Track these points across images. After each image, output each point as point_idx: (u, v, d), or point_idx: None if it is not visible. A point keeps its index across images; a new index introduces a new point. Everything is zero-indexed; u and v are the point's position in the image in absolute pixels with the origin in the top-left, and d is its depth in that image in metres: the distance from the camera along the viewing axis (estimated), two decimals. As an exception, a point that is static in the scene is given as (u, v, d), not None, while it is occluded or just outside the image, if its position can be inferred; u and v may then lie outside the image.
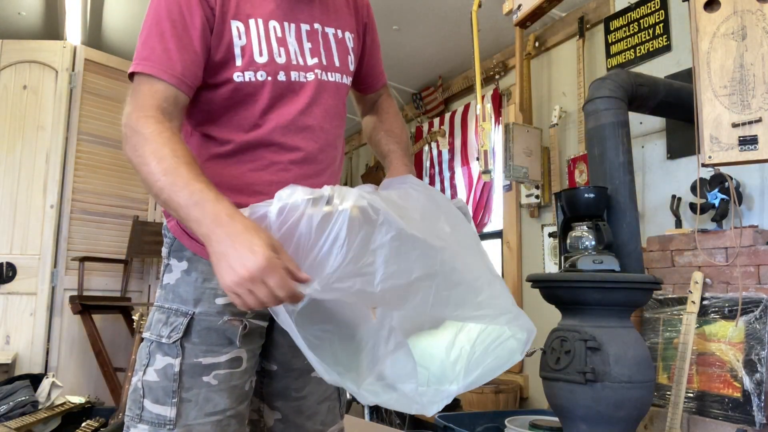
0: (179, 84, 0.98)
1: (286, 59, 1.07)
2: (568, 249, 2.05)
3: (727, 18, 1.77)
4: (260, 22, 1.05)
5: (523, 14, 2.92)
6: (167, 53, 0.98)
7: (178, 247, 1.10)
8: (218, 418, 1.02)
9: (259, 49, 1.05)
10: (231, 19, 1.03)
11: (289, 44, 1.08)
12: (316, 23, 1.12)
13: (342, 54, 1.16)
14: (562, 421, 1.92)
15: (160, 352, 1.02)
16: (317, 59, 1.11)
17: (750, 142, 1.70)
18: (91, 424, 2.51)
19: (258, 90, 1.05)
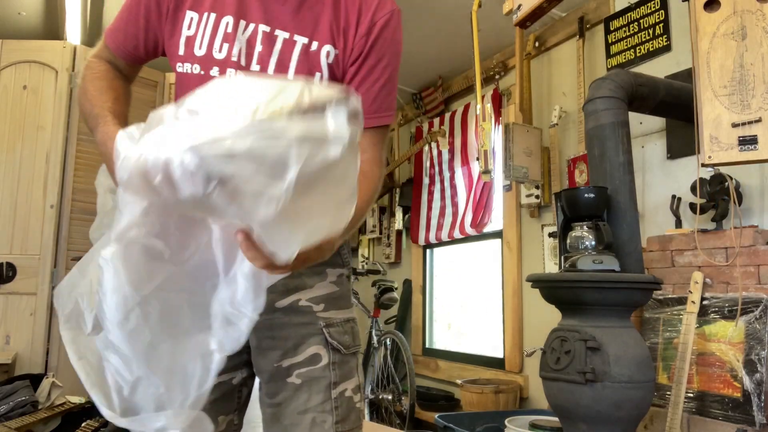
0: (118, 52, 1.12)
1: (226, 56, 1.03)
2: (568, 249, 2.05)
3: (727, 18, 1.77)
4: (213, 16, 1.04)
5: (523, 14, 2.92)
6: (120, 21, 1.11)
7: None
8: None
9: (200, 42, 1.04)
10: (187, 9, 1.04)
11: (236, 42, 1.02)
12: (280, 29, 1.03)
13: (304, 66, 1.03)
14: (562, 421, 1.93)
15: None
16: (260, 66, 1.03)
17: (750, 142, 1.70)
18: (91, 424, 2.51)
19: (193, 83, 1.02)
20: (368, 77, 1.06)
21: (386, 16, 1.06)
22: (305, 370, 1.08)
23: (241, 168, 0.65)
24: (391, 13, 1.07)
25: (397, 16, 1.08)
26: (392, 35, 1.07)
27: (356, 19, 1.05)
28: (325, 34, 1.04)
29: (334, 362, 1.09)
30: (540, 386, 1.99)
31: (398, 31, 1.08)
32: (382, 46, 1.05)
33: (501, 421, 2.48)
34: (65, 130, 3.33)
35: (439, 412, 2.84)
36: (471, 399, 3.13)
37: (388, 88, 1.08)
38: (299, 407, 1.06)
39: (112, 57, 1.13)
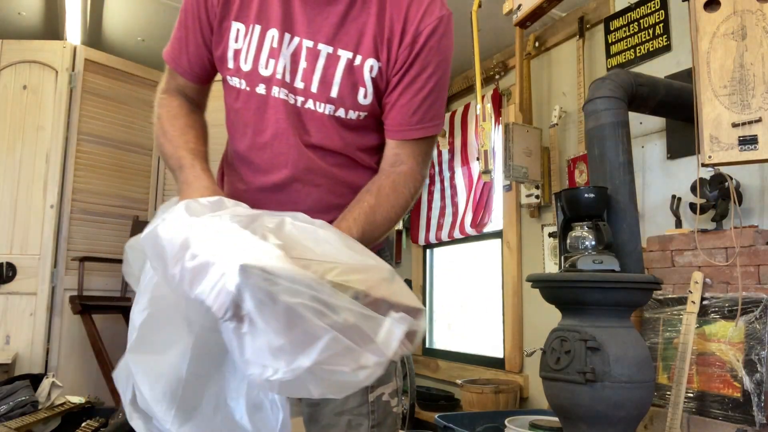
0: (186, 74, 1.09)
1: (272, 73, 1.00)
2: (568, 249, 2.05)
3: (727, 18, 1.77)
4: (258, 28, 1.00)
5: (523, 14, 2.92)
6: (179, 43, 1.08)
7: None
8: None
9: (246, 56, 1.01)
10: (233, 20, 1.01)
11: (281, 57, 0.99)
12: (323, 43, 0.99)
13: (348, 82, 0.99)
14: (562, 421, 1.92)
15: None
16: (305, 83, 1.00)
17: (750, 142, 1.70)
18: (91, 424, 2.51)
19: (241, 99, 1.04)
20: (410, 87, 1.00)
21: (433, 23, 0.99)
22: None
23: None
24: (438, 20, 1.00)
25: (445, 23, 1.01)
26: (439, 43, 1.00)
27: (401, 28, 0.99)
28: (369, 47, 0.99)
29: None
30: (540, 386, 1.98)
31: (446, 38, 1.01)
32: (427, 55, 0.99)
33: (501, 421, 2.48)
34: (65, 130, 3.33)
35: (439, 412, 2.84)
36: (471, 399, 3.13)
37: (432, 98, 1.02)
38: (336, 408, 1.06)
39: (181, 84, 1.10)
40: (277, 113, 1.00)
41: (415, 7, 1.00)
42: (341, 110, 1.01)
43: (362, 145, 1.05)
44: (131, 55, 3.73)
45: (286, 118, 1.00)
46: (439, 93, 1.03)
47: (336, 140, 1.02)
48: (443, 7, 1.02)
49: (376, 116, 1.04)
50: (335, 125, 1.02)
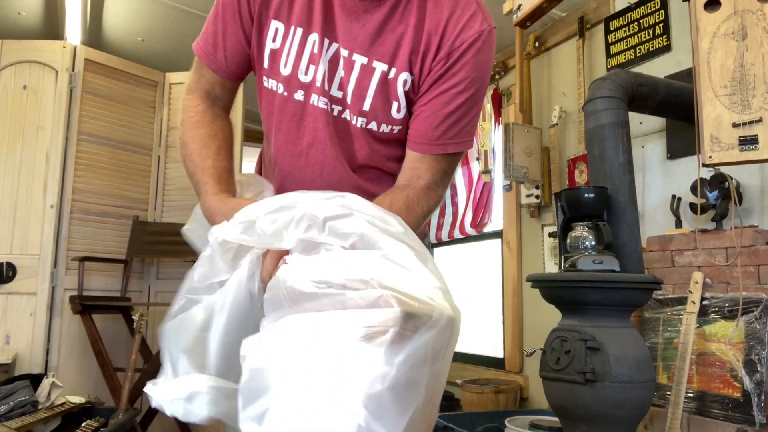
0: (220, 71, 1.03)
1: (311, 80, 0.96)
2: (568, 249, 2.05)
3: (727, 18, 1.77)
4: (300, 31, 0.95)
5: (523, 14, 2.92)
6: (214, 37, 1.02)
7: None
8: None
9: (286, 59, 0.96)
10: (272, 18, 0.96)
11: (321, 63, 0.95)
12: (358, 53, 0.94)
13: (382, 94, 0.95)
14: (562, 421, 1.92)
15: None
16: (342, 92, 0.96)
17: (750, 142, 1.70)
18: (91, 424, 2.50)
19: (277, 103, 1.00)
20: (437, 99, 0.94)
21: (472, 38, 0.93)
22: None
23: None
24: (478, 35, 0.94)
25: (486, 37, 0.95)
26: (475, 59, 0.94)
27: (438, 41, 0.93)
28: (405, 59, 0.94)
29: None
30: (540, 386, 1.98)
31: (484, 54, 0.95)
32: (459, 70, 0.93)
33: (501, 421, 2.48)
34: (65, 130, 3.33)
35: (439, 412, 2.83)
36: (471, 399, 3.13)
37: (459, 113, 0.95)
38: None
39: (211, 81, 1.04)
40: (316, 122, 0.97)
41: (455, 19, 0.94)
42: (373, 123, 0.97)
43: (393, 156, 1.02)
44: (131, 55, 3.73)
45: (324, 127, 0.97)
46: (469, 110, 0.96)
47: (367, 152, 0.99)
48: (485, 21, 0.96)
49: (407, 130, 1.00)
50: (367, 137, 0.98)
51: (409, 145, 0.99)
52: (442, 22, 0.94)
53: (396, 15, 0.94)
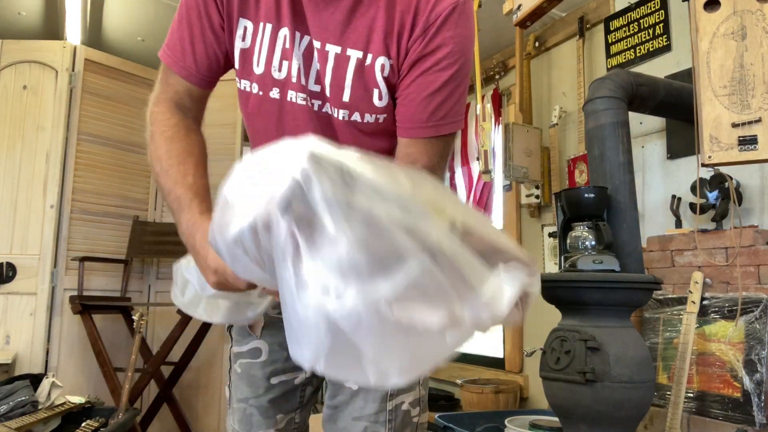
0: (190, 77, 0.97)
1: (286, 76, 0.92)
2: (568, 249, 2.05)
3: (727, 18, 1.77)
4: (269, 27, 0.90)
5: (523, 14, 2.92)
6: (181, 42, 0.96)
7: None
8: (243, 405, 1.08)
9: (258, 57, 0.92)
10: (240, 17, 0.91)
11: (294, 58, 0.91)
12: (331, 43, 0.90)
13: (360, 83, 0.91)
14: (562, 421, 1.92)
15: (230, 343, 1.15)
16: (319, 86, 0.92)
17: (750, 142, 1.70)
18: (91, 424, 2.50)
19: (252, 105, 0.97)
20: (419, 80, 0.90)
21: (447, 10, 0.88)
22: None
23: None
24: (453, 6, 0.89)
25: (460, 9, 0.89)
26: (453, 32, 0.88)
27: (412, 19, 0.89)
28: (379, 44, 0.89)
29: None
30: (540, 386, 1.98)
31: (462, 27, 0.89)
32: (439, 46, 0.88)
33: (501, 421, 2.48)
34: (65, 130, 3.33)
35: (439, 412, 2.84)
36: (471, 399, 3.13)
37: (445, 92, 0.90)
38: (354, 413, 1.03)
39: (180, 91, 0.98)
40: (295, 119, 0.94)
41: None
42: (356, 114, 0.93)
43: (381, 148, 0.97)
44: (131, 55, 3.73)
45: (305, 124, 0.94)
46: (456, 88, 0.91)
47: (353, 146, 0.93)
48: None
49: (394, 118, 0.96)
50: (352, 130, 0.95)
51: (399, 131, 0.95)
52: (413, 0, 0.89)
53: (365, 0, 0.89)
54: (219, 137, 3.48)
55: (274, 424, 1.08)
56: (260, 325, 1.07)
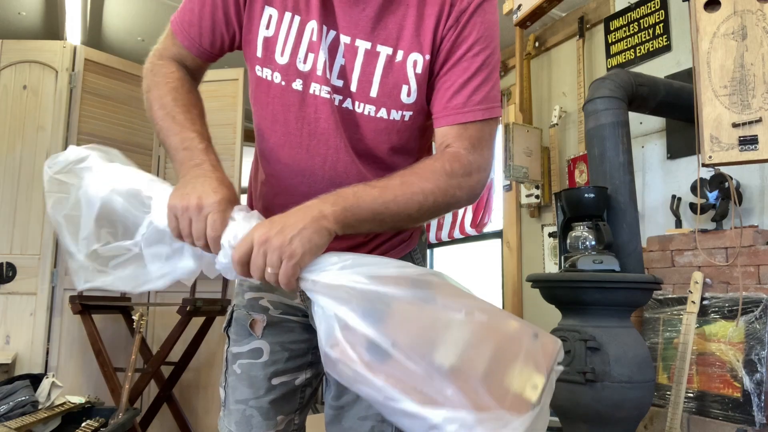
0: (192, 48, 0.99)
1: (311, 68, 0.91)
2: (568, 249, 2.05)
3: (727, 18, 1.77)
4: (297, 18, 0.91)
5: (523, 14, 2.92)
6: (191, 14, 0.98)
7: None
8: (242, 407, 1.05)
9: (283, 47, 0.92)
10: (265, 4, 0.92)
11: (321, 51, 0.90)
12: (361, 38, 0.91)
13: (389, 80, 0.91)
14: (562, 421, 1.92)
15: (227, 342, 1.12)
16: (343, 81, 0.92)
17: (750, 142, 1.70)
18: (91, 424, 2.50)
19: (274, 93, 0.95)
20: (455, 68, 0.91)
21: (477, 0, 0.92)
22: None
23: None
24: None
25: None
26: (482, 17, 0.91)
27: (447, 11, 0.91)
28: (411, 40, 0.91)
29: None
30: (540, 386, 1.98)
31: (491, 14, 0.93)
32: (470, 33, 0.91)
33: (501, 421, 2.48)
34: (65, 130, 3.33)
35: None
36: (471, 399, 3.13)
37: (480, 78, 0.91)
38: (360, 412, 1.03)
39: (183, 55, 1.00)
40: (317, 112, 0.93)
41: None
42: (383, 110, 0.93)
43: (401, 148, 0.97)
44: (131, 55, 3.73)
45: (327, 117, 0.93)
46: (490, 74, 0.92)
47: (373, 142, 0.95)
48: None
49: (424, 114, 0.95)
50: (374, 126, 0.94)
51: (437, 122, 0.94)
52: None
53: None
54: (219, 137, 3.47)
55: (274, 426, 1.06)
56: (261, 324, 1.06)
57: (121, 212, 0.87)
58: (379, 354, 0.70)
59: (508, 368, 0.71)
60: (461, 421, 0.67)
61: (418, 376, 0.69)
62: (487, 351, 0.72)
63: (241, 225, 0.79)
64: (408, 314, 0.72)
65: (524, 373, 0.72)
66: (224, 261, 0.79)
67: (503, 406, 0.69)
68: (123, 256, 0.88)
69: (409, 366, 0.69)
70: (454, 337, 0.71)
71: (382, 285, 0.72)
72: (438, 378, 0.69)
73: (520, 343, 0.73)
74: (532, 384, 0.71)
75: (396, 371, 0.69)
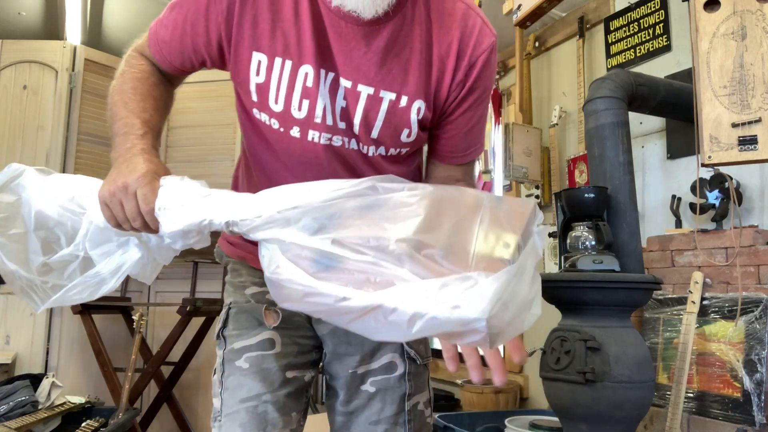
0: (164, 65, 0.99)
1: (307, 115, 0.89)
2: (568, 249, 2.05)
3: (727, 18, 1.77)
4: (288, 64, 0.86)
5: (523, 14, 2.92)
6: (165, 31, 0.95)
7: (220, 253, 1.16)
8: (253, 404, 0.97)
9: (276, 95, 0.88)
10: (253, 50, 0.87)
11: (319, 97, 0.88)
12: (363, 84, 0.88)
13: (391, 123, 0.90)
14: (562, 421, 1.92)
15: (217, 348, 1.06)
16: (346, 123, 0.90)
17: (750, 142, 1.70)
18: (91, 424, 2.50)
19: (275, 137, 0.93)
20: (461, 119, 0.95)
21: (485, 52, 0.91)
22: (380, 378, 1.03)
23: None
24: (490, 48, 0.92)
25: (494, 47, 0.93)
26: (488, 69, 0.93)
27: (454, 64, 0.90)
28: (416, 86, 0.89)
29: (410, 372, 1.04)
30: (540, 386, 1.99)
31: (493, 62, 0.95)
32: (477, 85, 0.93)
33: (501, 421, 2.48)
34: (65, 130, 3.34)
35: (439, 412, 2.84)
36: (471, 399, 3.13)
37: (481, 124, 0.99)
38: (371, 417, 1.02)
39: (154, 60, 0.99)
40: (317, 157, 0.93)
41: (466, 39, 0.90)
42: (382, 149, 0.94)
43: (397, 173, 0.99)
44: (131, 55, 3.73)
45: (326, 158, 0.93)
46: (484, 115, 1.00)
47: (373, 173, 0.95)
48: (490, 31, 0.93)
49: (421, 143, 0.98)
50: (375, 160, 0.95)
51: (438, 157, 1.00)
52: (453, 43, 0.89)
53: (399, 39, 0.87)
54: (219, 137, 3.48)
55: (289, 423, 0.99)
56: (276, 317, 1.02)
57: (60, 219, 0.85)
58: (326, 260, 0.65)
59: (469, 234, 0.64)
60: (423, 293, 0.59)
61: (369, 266, 0.63)
62: (444, 222, 0.65)
63: (169, 190, 0.77)
64: (351, 211, 0.67)
65: (491, 235, 0.65)
66: (168, 230, 0.76)
67: (469, 269, 0.62)
68: (73, 264, 0.86)
69: (358, 259, 0.63)
70: (401, 216, 0.65)
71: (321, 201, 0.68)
72: (391, 261, 0.62)
73: (479, 208, 0.66)
74: (502, 244, 0.64)
75: (345, 272, 0.64)
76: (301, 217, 0.67)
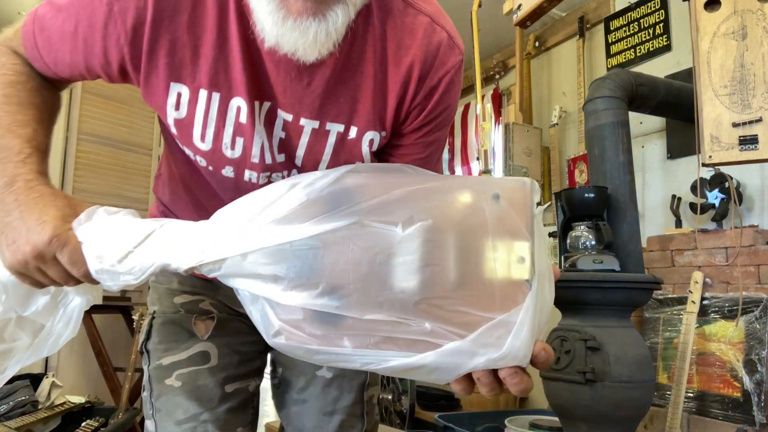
0: (48, 73, 0.81)
1: (241, 155, 0.75)
2: (568, 249, 2.05)
3: (727, 17, 1.77)
4: (216, 96, 0.72)
5: (523, 14, 2.92)
6: (54, 39, 0.78)
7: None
8: (191, 425, 0.87)
9: (202, 132, 0.74)
10: (171, 81, 0.72)
11: (255, 134, 0.74)
12: (306, 117, 0.75)
13: (340, 157, 0.78)
14: (562, 421, 1.92)
15: (143, 362, 0.94)
16: (286, 155, 0.78)
17: (750, 142, 1.70)
18: (91, 424, 2.50)
19: (204, 174, 0.81)
20: (421, 140, 0.82)
21: (449, 73, 0.78)
22: None
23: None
24: (455, 68, 0.79)
25: (460, 65, 0.80)
26: (454, 92, 0.81)
27: (413, 86, 0.77)
28: (367, 116, 0.77)
29: None
30: (540, 386, 1.98)
31: (459, 80, 0.81)
32: (439, 106, 0.80)
33: (501, 421, 2.48)
34: (65, 130, 3.34)
35: (439, 412, 2.84)
36: (471, 399, 3.13)
37: (442, 142, 0.86)
38: (326, 407, 0.94)
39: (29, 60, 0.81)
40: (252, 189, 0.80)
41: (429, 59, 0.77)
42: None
43: None
44: (131, 54, 3.73)
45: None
46: (445, 135, 0.86)
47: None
48: (456, 47, 0.79)
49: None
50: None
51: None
52: (414, 64, 0.76)
53: (349, 65, 0.75)
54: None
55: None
56: (210, 324, 0.92)
57: None
58: (330, 318, 0.57)
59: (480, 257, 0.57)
60: (458, 354, 0.55)
61: (383, 323, 0.56)
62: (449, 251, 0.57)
63: (97, 243, 0.63)
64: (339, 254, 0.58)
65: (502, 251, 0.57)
66: (111, 283, 0.64)
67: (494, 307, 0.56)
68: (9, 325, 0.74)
69: (369, 317, 0.56)
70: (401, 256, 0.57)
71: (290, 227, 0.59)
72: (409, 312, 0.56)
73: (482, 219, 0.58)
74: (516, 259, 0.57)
75: (357, 329, 0.57)
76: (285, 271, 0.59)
